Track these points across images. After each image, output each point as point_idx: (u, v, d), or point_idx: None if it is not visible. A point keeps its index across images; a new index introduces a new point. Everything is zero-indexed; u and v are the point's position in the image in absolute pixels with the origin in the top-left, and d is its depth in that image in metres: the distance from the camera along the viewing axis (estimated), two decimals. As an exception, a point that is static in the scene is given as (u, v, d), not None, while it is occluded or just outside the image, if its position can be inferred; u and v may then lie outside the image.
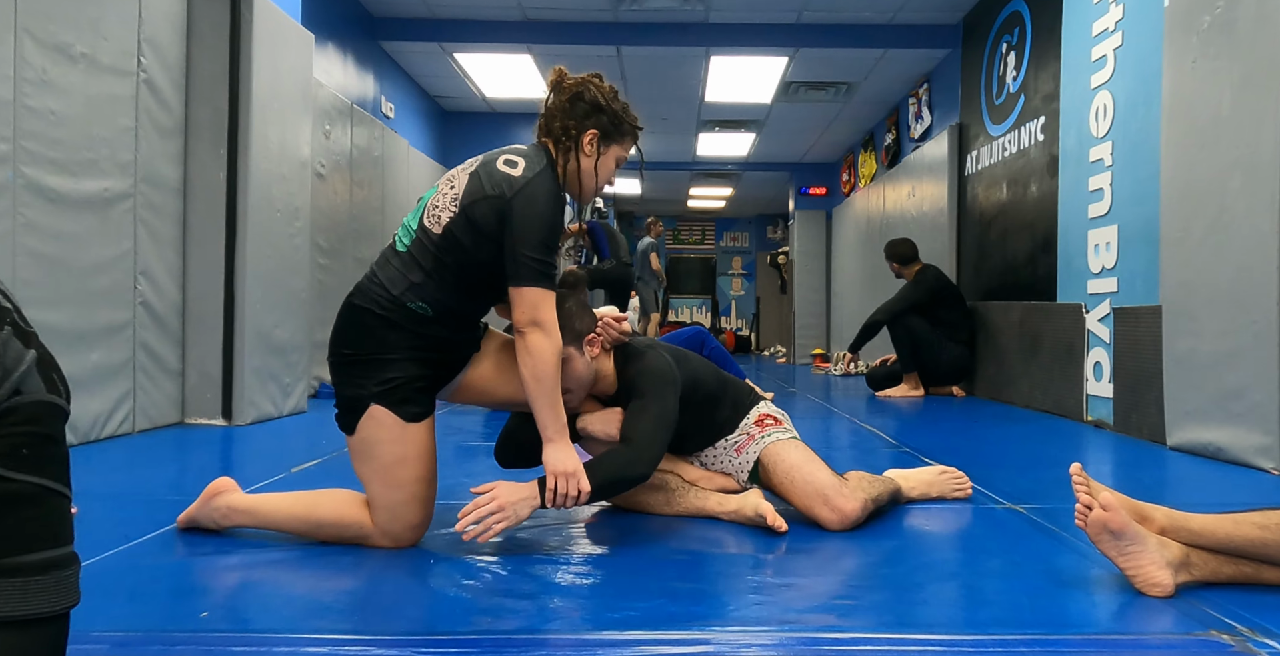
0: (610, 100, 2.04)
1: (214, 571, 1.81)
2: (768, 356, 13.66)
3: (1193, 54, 3.33)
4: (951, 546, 2.09)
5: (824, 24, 6.83)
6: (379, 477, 1.93)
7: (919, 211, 7.54)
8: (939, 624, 1.48)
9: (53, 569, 0.87)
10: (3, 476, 0.84)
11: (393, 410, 1.92)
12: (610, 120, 2.04)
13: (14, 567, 0.84)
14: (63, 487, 0.90)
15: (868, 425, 4.37)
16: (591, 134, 2.02)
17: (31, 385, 0.87)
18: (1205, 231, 3.25)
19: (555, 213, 1.93)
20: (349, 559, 1.87)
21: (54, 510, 0.89)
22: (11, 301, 0.91)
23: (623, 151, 2.11)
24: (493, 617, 1.50)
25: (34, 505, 0.86)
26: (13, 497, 0.85)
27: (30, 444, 0.86)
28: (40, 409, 0.87)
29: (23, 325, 0.90)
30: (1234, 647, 1.36)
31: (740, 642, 1.39)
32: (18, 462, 0.85)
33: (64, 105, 3.27)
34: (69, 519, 0.91)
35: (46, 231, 3.22)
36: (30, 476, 0.86)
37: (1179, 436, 3.41)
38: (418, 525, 1.97)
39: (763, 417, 2.33)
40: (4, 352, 0.85)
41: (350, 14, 6.27)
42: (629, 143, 2.12)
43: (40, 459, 0.87)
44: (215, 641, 1.38)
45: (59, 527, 0.89)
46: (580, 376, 2.11)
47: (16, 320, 0.89)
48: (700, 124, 9.69)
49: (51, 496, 0.88)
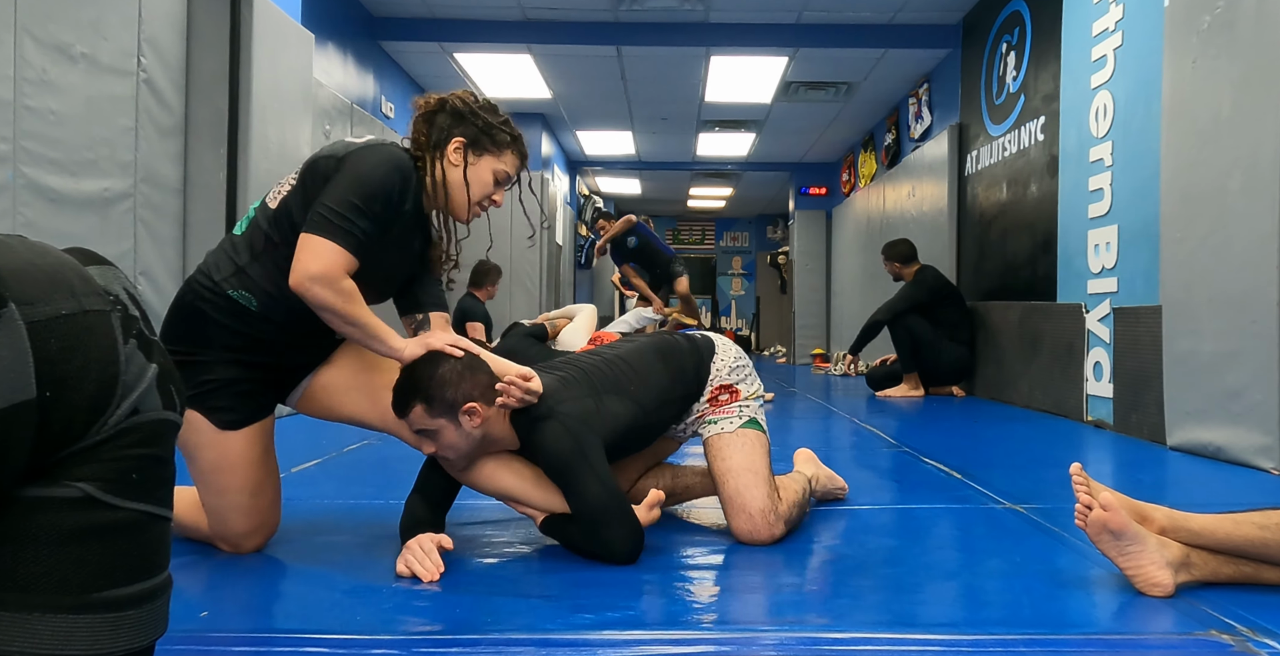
0: (479, 108, 1.93)
1: (214, 571, 1.81)
2: (768, 356, 13.66)
3: (1193, 54, 3.33)
4: (951, 546, 2.09)
5: (824, 24, 6.83)
6: (200, 483, 1.89)
7: (919, 211, 7.54)
8: (939, 624, 1.48)
9: (146, 601, 0.81)
10: (110, 504, 0.78)
11: (206, 416, 1.83)
12: (480, 129, 1.92)
13: (108, 602, 0.78)
14: (166, 511, 0.84)
15: (868, 425, 4.37)
16: (457, 142, 1.91)
17: (150, 403, 0.80)
18: (1205, 231, 3.25)
19: (382, 178, 1.77)
20: (349, 559, 1.87)
21: (156, 537, 0.83)
22: (140, 308, 0.84)
23: (501, 164, 1.95)
24: (493, 617, 1.50)
25: (136, 534, 0.80)
26: (118, 527, 0.79)
27: (141, 467, 0.80)
28: (157, 428, 0.81)
29: (148, 334, 0.83)
30: (1234, 647, 1.36)
31: (740, 642, 1.39)
32: (127, 488, 0.79)
33: (64, 105, 3.27)
34: (168, 542, 0.85)
35: (46, 231, 3.21)
36: (138, 503, 0.80)
37: (1179, 436, 3.41)
38: (247, 533, 1.89)
39: (717, 392, 2.09)
40: (127, 368, 0.78)
41: (350, 14, 6.27)
42: (510, 156, 1.97)
43: (148, 482, 0.81)
44: (215, 641, 1.38)
45: (158, 555, 0.83)
46: (457, 447, 1.82)
47: (143, 329, 0.82)
48: (700, 124, 9.68)
49: (156, 522, 0.82)
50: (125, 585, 0.79)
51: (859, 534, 2.12)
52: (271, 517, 1.94)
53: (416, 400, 1.77)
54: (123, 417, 0.78)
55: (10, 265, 0.75)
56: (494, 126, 1.94)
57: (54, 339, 0.74)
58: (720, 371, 2.11)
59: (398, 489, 2.26)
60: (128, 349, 0.79)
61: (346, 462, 3.13)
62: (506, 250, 8.99)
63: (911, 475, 2.96)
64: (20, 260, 0.76)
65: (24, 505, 0.75)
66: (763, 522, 1.95)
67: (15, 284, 0.74)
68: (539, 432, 1.83)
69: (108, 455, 0.78)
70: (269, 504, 1.93)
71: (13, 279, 0.74)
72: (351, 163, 1.77)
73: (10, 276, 0.74)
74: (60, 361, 0.74)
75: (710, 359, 2.11)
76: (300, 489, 2.61)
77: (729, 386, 2.10)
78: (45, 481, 0.76)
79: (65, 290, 0.77)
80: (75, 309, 0.76)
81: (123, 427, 0.78)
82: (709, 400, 2.08)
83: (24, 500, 0.75)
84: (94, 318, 0.78)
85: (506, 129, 1.97)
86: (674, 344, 2.13)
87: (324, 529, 2.15)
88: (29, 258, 0.77)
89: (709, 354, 2.12)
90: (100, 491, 0.77)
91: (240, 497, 1.87)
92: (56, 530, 0.76)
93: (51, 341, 0.74)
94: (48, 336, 0.74)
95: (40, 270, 0.77)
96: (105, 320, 0.78)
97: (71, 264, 0.80)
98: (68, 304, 0.76)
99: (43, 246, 0.80)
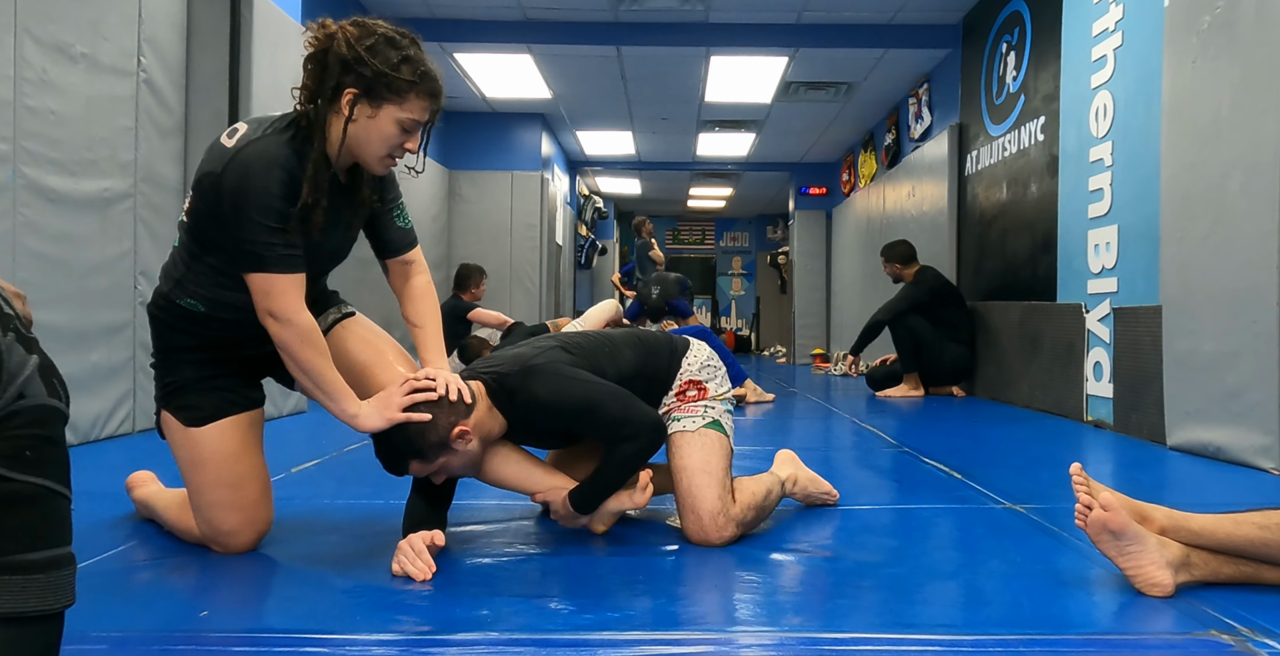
0: (367, 51, 1.71)
1: (214, 571, 1.81)
2: (768, 356, 13.66)
3: (1193, 54, 3.33)
4: (951, 546, 2.09)
5: (824, 24, 6.83)
6: (185, 484, 1.92)
7: (919, 211, 7.54)
8: (939, 624, 1.48)
9: (52, 568, 0.89)
10: (6, 477, 0.86)
11: (174, 415, 1.87)
12: (373, 77, 1.71)
13: (14, 565, 0.86)
14: (63, 489, 0.92)
15: (868, 425, 4.37)
16: (349, 94, 1.72)
17: (34, 389, 0.89)
18: (1205, 231, 3.25)
19: (273, 182, 1.67)
20: (349, 559, 1.87)
21: (55, 511, 0.91)
22: (12, 308, 0.93)
23: (404, 113, 1.74)
24: (494, 618, 1.50)
25: (36, 505, 0.88)
26: (15, 498, 0.87)
27: (33, 446, 0.88)
28: (43, 412, 0.89)
29: (24, 331, 0.92)
30: (1234, 647, 1.36)
31: (740, 642, 1.39)
32: (21, 464, 0.87)
33: (64, 105, 3.27)
34: (68, 520, 0.93)
35: (46, 231, 3.22)
36: (33, 477, 0.88)
37: (1179, 436, 3.41)
38: (232, 531, 1.88)
39: (685, 387, 2.10)
40: (8, 358, 0.87)
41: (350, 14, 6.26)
42: (415, 100, 1.75)
43: (42, 461, 0.89)
44: (215, 641, 1.38)
45: (59, 528, 0.91)
46: (466, 468, 1.90)
47: (19, 327, 0.91)
48: (700, 124, 9.68)
49: (53, 497, 0.90)
50: (31, 551, 0.87)
51: (859, 534, 2.12)
52: (257, 514, 1.91)
53: (409, 460, 1.83)
54: (10, 401, 0.86)
55: None
56: (387, 73, 1.71)
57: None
58: (691, 366, 2.13)
59: (398, 489, 2.26)
60: (6, 340, 0.88)
61: (346, 462, 3.13)
62: (506, 250, 9.00)
63: (911, 475, 2.96)
64: None
65: None
66: (711, 524, 1.95)
67: None
68: (526, 393, 1.88)
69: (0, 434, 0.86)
70: (253, 500, 1.90)
71: None
72: (235, 175, 1.66)
73: None
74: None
75: (684, 353, 2.15)
76: (300, 489, 2.61)
77: (698, 382, 2.11)
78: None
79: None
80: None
81: (11, 409, 0.86)
82: (677, 394, 2.09)
83: None
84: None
85: (405, 72, 1.73)
86: (652, 334, 2.21)
87: (323, 529, 2.15)
88: None
89: (684, 348, 2.17)
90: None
91: (219, 493, 1.87)
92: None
93: None
94: None
95: None
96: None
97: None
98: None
99: None
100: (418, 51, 1.77)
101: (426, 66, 1.76)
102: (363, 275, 5.42)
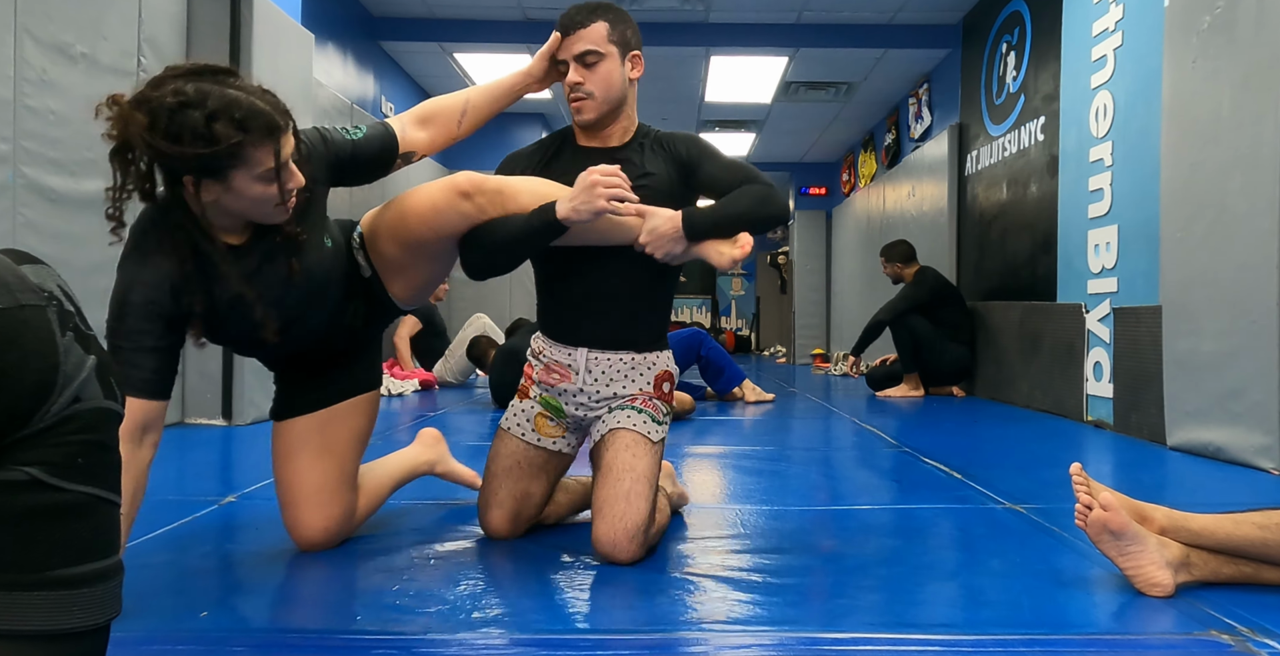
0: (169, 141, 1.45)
1: (214, 571, 1.81)
2: (768, 356, 13.66)
3: (1193, 54, 3.33)
4: (951, 546, 2.09)
5: (824, 24, 6.83)
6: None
7: (919, 211, 7.54)
8: (939, 624, 1.48)
9: (99, 580, 0.85)
10: (57, 487, 0.82)
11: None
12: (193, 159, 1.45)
13: (61, 580, 0.82)
14: (114, 496, 0.88)
15: (868, 425, 4.37)
16: (187, 181, 1.51)
17: (90, 392, 0.85)
18: (1205, 231, 3.25)
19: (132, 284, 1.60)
20: (349, 558, 1.87)
21: (105, 519, 0.87)
22: (74, 304, 0.88)
23: (258, 167, 1.48)
24: (494, 617, 1.50)
25: (85, 515, 0.84)
26: (65, 508, 0.83)
27: (85, 452, 0.84)
28: (98, 416, 0.85)
29: (84, 329, 0.88)
30: (1234, 647, 1.36)
31: (740, 642, 1.39)
32: (73, 472, 0.83)
33: (64, 105, 3.27)
34: (118, 527, 0.89)
35: (46, 231, 3.22)
36: (84, 486, 0.84)
37: (1179, 436, 3.41)
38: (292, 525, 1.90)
39: (662, 379, 2.00)
40: (65, 360, 0.83)
41: (350, 14, 6.27)
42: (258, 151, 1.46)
43: (93, 467, 0.85)
44: (215, 641, 1.38)
45: (109, 537, 0.87)
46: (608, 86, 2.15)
47: (79, 324, 0.87)
48: (700, 124, 9.69)
49: (103, 505, 0.86)
50: (77, 564, 0.83)
51: (859, 534, 2.12)
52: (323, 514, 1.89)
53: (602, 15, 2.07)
54: (65, 405, 0.82)
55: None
56: (203, 153, 1.43)
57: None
58: (669, 360, 2.03)
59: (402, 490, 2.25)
60: (65, 341, 0.84)
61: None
62: (506, 250, 8.99)
63: (911, 475, 2.96)
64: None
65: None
66: (626, 544, 1.80)
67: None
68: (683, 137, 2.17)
69: (52, 441, 0.82)
70: (316, 500, 1.89)
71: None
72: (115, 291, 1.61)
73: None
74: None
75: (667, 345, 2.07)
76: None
77: (671, 377, 2.02)
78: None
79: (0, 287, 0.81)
80: (11, 304, 0.80)
81: (65, 415, 0.82)
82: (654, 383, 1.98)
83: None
84: (30, 312, 0.81)
85: (222, 132, 1.42)
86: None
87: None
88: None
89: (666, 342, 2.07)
90: (47, 474, 0.81)
91: (282, 490, 1.93)
92: (7, 511, 0.80)
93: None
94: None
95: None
96: (41, 314, 0.83)
97: (5, 262, 0.84)
98: (3, 299, 0.80)
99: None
100: (222, 90, 1.45)
101: (245, 104, 1.44)
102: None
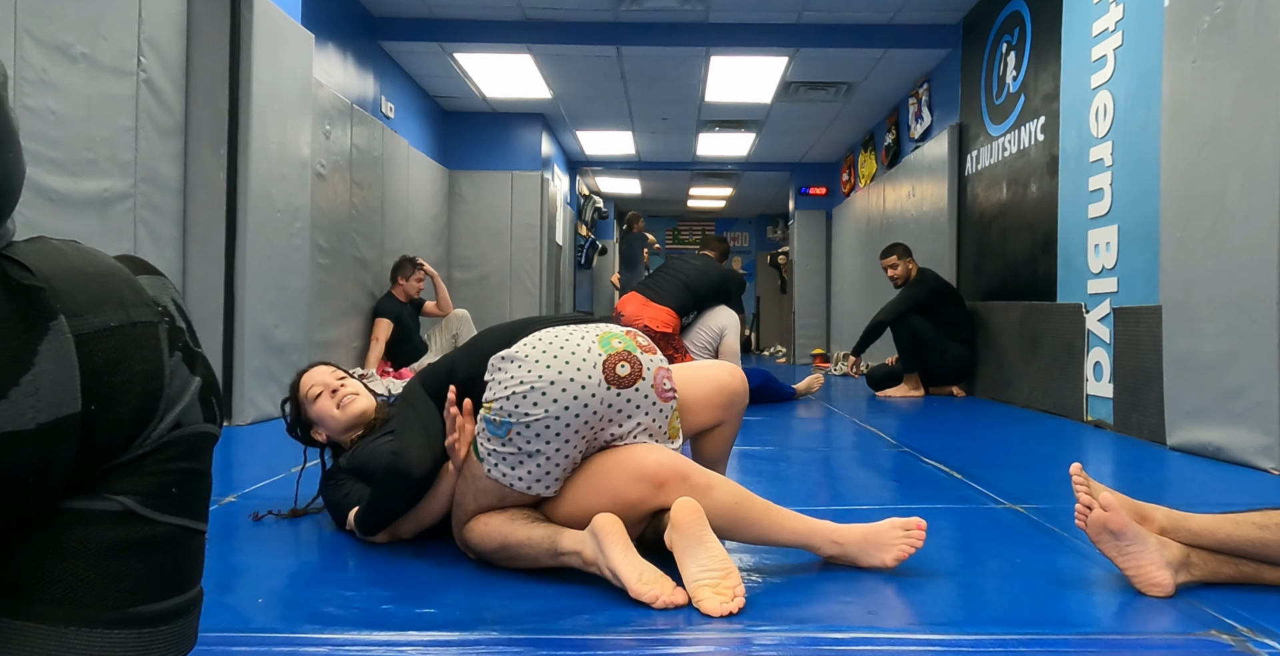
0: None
1: (212, 572, 1.81)
2: (768, 356, 13.66)
3: (1193, 54, 3.33)
4: (951, 546, 2.09)
5: (824, 24, 6.83)
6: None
7: (919, 211, 7.54)
8: (939, 624, 1.48)
9: (179, 617, 0.80)
10: (148, 519, 0.77)
11: None
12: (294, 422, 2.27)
13: (138, 618, 0.76)
14: (202, 525, 0.83)
15: (868, 425, 4.37)
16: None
17: (192, 416, 0.80)
18: (1205, 231, 3.25)
19: None
20: (349, 559, 1.87)
21: (191, 551, 0.82)
22: (186, 319, 0.82)
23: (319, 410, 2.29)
24: (494, 618, 1.50)
25: (173, 548, 0.79)
26: (152, 542, 0.78)
27: (180, 481, 0.79)
28: (197, 441, 0.81)
29: (193, 346, 0.82)
30: (1234, 647, 1.36)
31: (740, 642, 1.39)
32: (166, 502, 0.78)
33: (64, 105, 3.27)
34: (202, 556, 0.85)
35: (46, 231, 3.20)
36: (175, 517, 0.79)
37: (1179, 436, 3.41)
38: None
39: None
40: (171, 382, 0.77)
41: (350, 14, 6.27)
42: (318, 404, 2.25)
43: (187, 497, 0.80)
44: (215, 641, 1.38)
45: (192, 569, 0.83)
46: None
47: (188, 341, 0.81)
48: (700, 124, 9.68)
49: (191, 536, 0.81)
50: (160, 600, 0.78)
51: (859, 534, 2.12)
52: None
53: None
54: (165, 431, 0.77)
55: (62, 274, 0.74)
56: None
57: (101, 352, 0.73)
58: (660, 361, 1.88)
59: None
60: (173, 362, 0.78)
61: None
62: (506, 250, 9.00)
63: (911, 475, 2.96)
64: (72, 268, 0.75)
65: (64, 517, 0.74)
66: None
67: (66, 295, 0.73)
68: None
69: (149, 469, 0.77)
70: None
71: (64, 289, 0.73)
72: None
73: (61, 286, 0.73)
74: (106, 374, 0.73)
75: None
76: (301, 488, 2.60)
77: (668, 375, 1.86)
78: (86, 494, 0.75)
79: (115, 301, 0.76)
80: (124, 321, 0.76)
81: (164, 441, 0.78)
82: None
83: (64, 512, 0.75)
84: (142, 329, 0.77)
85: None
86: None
87: (323, 528, 2.15)
88: (80, 265, 0.77)
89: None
90: (140, 505, 0.77)
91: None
92: (95, 543, 0.75)
93: (99, 354, 0.73)
94: (95, 349, 0.73)
95: (90, 279, 0.76)
96: (153, 332, 0.77)
97: (122, 273, 0.79)
98: (116, 315, 0.75)
99: (94, 254, 0.79)
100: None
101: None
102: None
